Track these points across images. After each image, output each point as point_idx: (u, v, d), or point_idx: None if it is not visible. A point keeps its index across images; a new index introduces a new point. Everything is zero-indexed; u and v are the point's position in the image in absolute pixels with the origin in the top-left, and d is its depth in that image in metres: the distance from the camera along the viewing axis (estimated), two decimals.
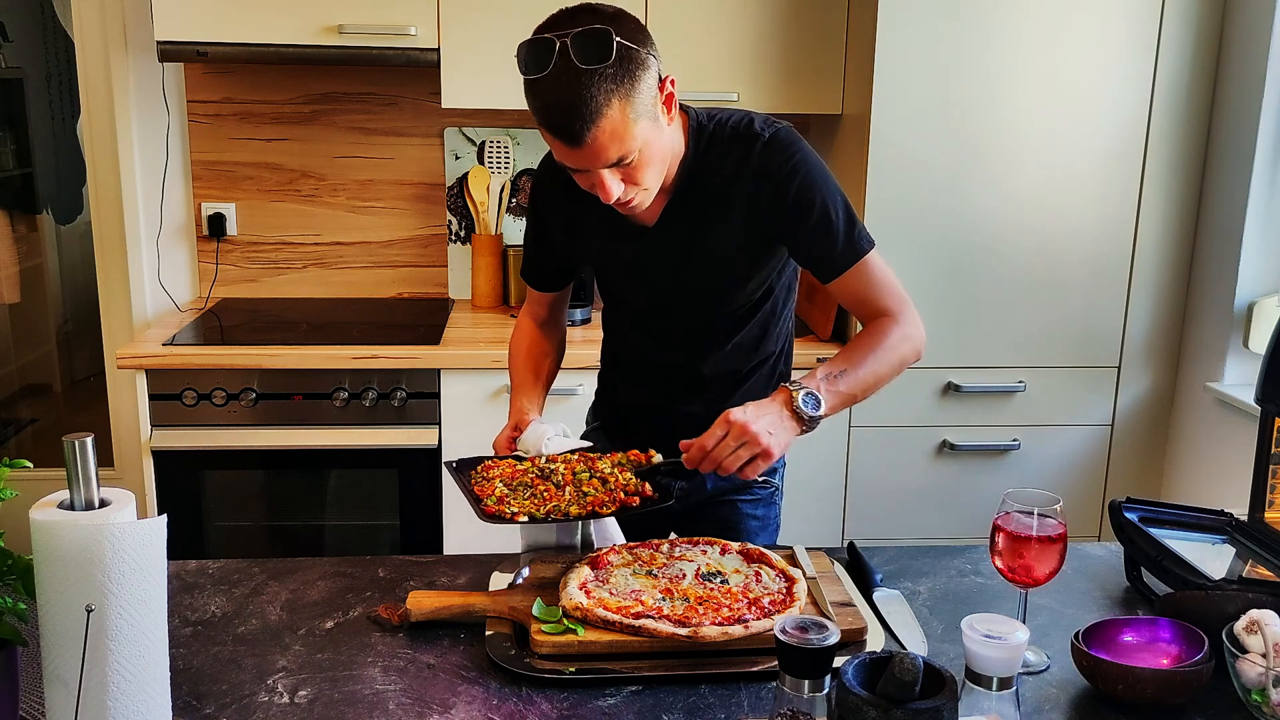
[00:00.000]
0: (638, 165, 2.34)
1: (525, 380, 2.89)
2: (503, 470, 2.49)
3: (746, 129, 2.53)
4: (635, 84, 2.23)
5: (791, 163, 2.49)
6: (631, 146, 2.28)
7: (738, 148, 2.52)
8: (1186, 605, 2.10)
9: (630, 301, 2.85)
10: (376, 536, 4.42)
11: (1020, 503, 2.03)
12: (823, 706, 1.70)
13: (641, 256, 2.67)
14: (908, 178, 4.22)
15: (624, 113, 2.23)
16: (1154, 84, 4.22)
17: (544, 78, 2.20)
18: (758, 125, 2.53)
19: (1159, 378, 4.48)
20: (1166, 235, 4.35)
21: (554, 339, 3.02)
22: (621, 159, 2.30)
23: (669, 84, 2.36)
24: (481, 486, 2.42)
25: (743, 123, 2.55)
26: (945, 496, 4.47)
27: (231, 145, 4.92)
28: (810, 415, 2.36)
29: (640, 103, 2.25)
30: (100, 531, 1.58)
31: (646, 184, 2.40)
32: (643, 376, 2.86)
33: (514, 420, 2.73)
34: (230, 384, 4.14)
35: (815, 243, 2.53)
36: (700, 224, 2.57)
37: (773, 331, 2.78)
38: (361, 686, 1.99)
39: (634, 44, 2.23)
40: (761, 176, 2.50)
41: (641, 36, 2.27)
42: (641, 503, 2.37)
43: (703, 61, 4.44)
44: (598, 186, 2.36)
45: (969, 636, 1.71)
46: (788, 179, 2.48)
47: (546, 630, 2.08)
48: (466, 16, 4.28)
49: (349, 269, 5.07)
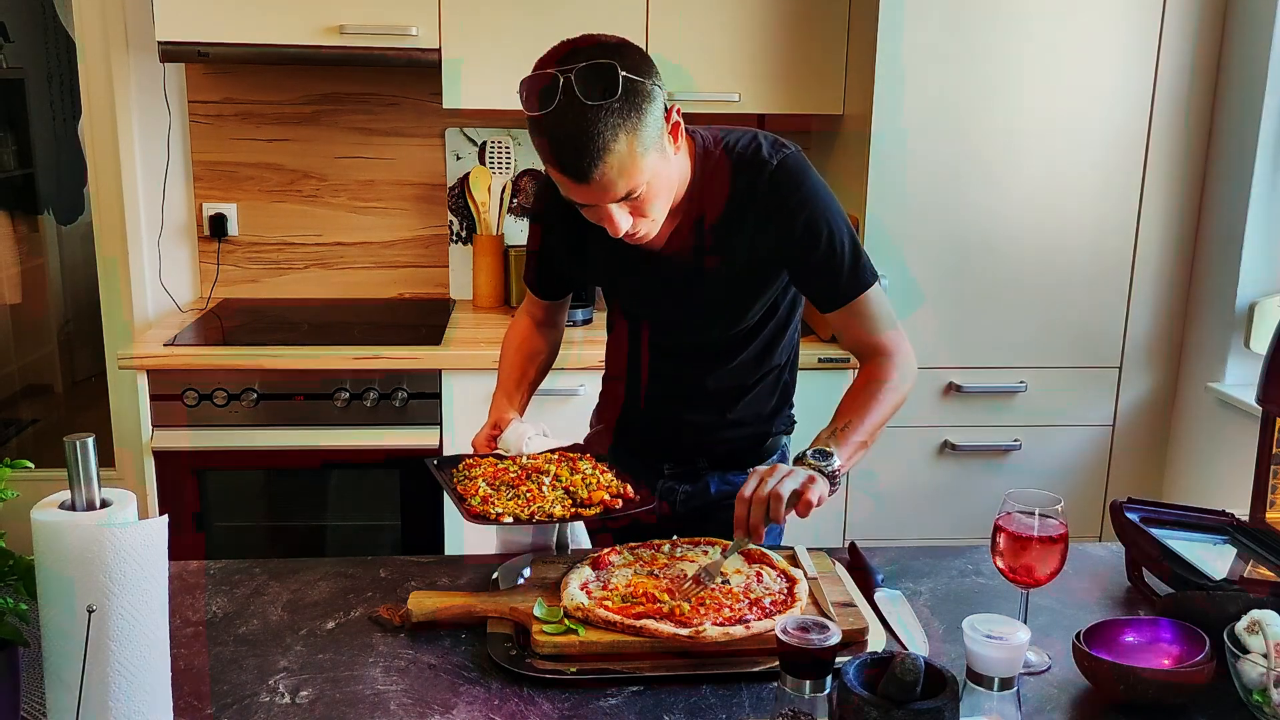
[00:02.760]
0: (646, 198, 2.32)
1: (510, 379, 2.88)
2: (485, 469, 2.49)
3: (754, 155, 2.50)
4: (642, 117, 2.21)
5: (800, 193, 2.47)
6: (640, 180, 2.26)
7: (745, 174, 2.49)
8: (1188, 606, 2.10)
9: (635, 319, 2.84)
10: (378, 537, 4.42)
11: (1021, 503, 2.03)
12: (824, 707, 1.71)
13: (647, 280, 2.67)
14: (909, 178, 4.22)
15: (631, 147, 2.20)
16: (1155, 84, 4.22)
17: (549, 114, 2.18)
18: (765, 150, 2.50)
19: (1160, 378, 4.48)
20: (1168, 235, 4.35)
21: (549, 339, 3.01)
22: (630, 193, 2.28)
23: (675, 113, 2.34)
24: (465, 485, 2.43)
25: (750, 148, 2.51)
26: (946, 497, 4.47)
27: (233, 145, 4.92)
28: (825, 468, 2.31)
29: (647, 136, 2.23)
30: (101, 532, 1.58)
31: (654, 215, 2.38)
32: (648, 388, 2.85)
33: (494, 418, 2.73)
34: (231, 384, 4.14)
35: (819, 274, 2.53)
36: (706, 249, 2.55)
37: (778, 345, 2.77)
38: (363, 687, 1.99)
39: (640, 76, 2.21)
40: (769, 205, 2.48)
41: (646, 67, 2.25)
42: (623, 505, 2.37)
43: (704, 62, 4.43)
44: (605, 220, 2.34)
45: (970, 637, 1.71)
46: (796, 210, 2.47)
47: (548, 630, 2.08)
48: (468, 17, 4.29)
49: (350, 269, 5.07)
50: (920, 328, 4.29)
